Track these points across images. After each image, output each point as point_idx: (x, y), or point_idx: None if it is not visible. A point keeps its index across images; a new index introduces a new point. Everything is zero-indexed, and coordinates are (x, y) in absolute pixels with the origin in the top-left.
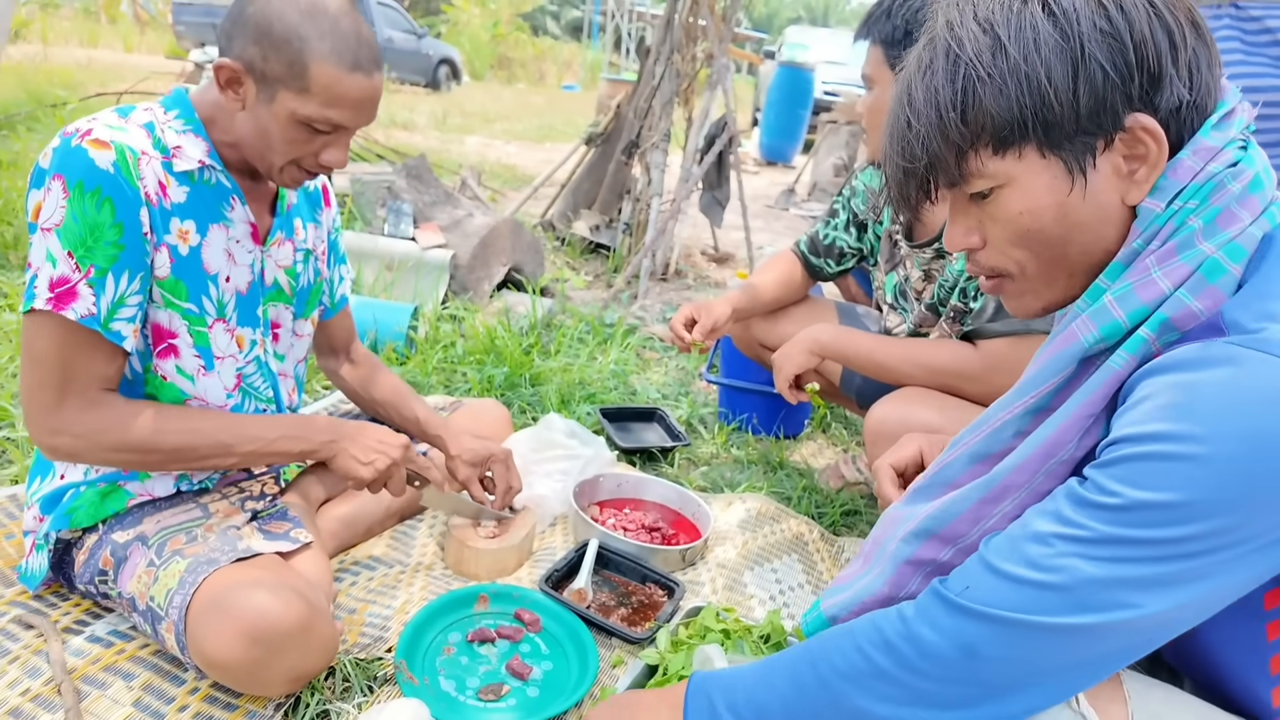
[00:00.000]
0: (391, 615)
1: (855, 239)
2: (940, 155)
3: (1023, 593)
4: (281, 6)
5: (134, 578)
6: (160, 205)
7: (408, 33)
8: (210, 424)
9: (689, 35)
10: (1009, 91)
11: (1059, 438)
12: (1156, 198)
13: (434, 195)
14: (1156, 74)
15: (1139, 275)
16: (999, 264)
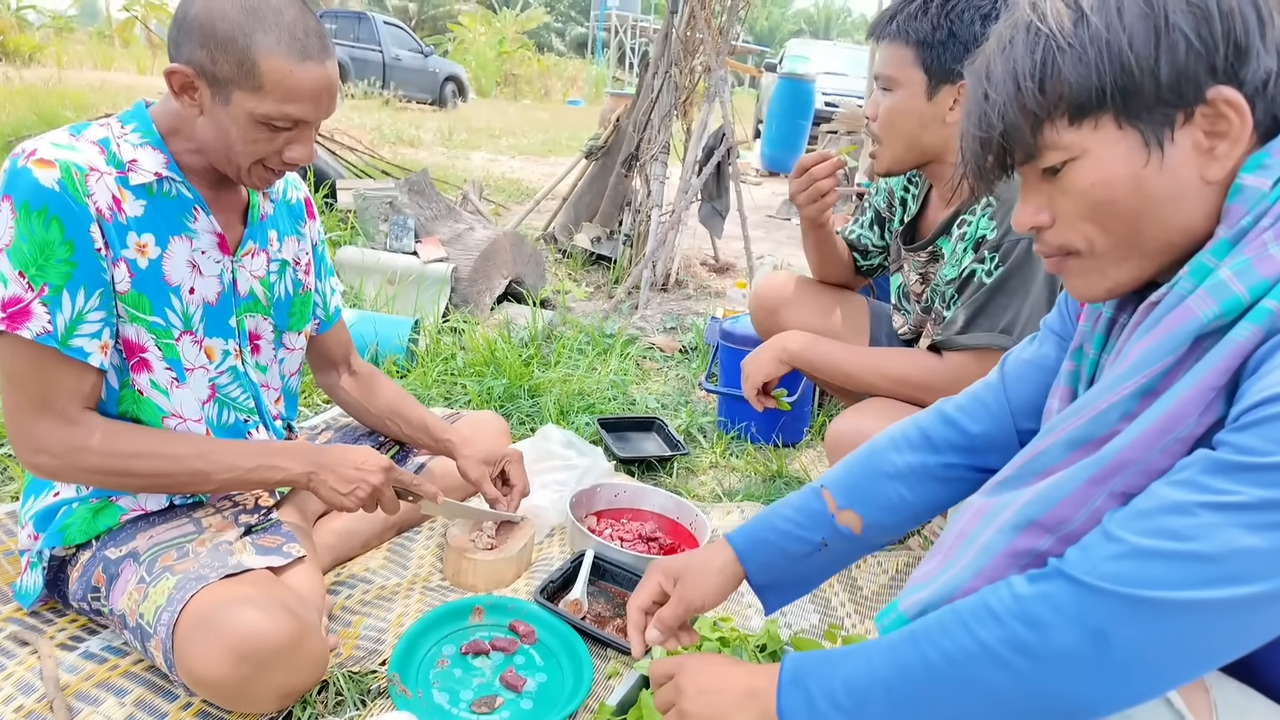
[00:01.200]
0: (386, 628)
1: (879, 236)
2: (1016, 125)
3: (1165, 566)
4: (223, 5)
5: (125, 594)
6: (115, 220)
7: (414, 51)
8: (188, 450)
9: (687, 49)
10: (1089, 59)
11: (1179, 411)
12: (1260, 175)
13: (436, 209)
14: (1243, 46)
15: (1256, 251)
16: (1068, 240)
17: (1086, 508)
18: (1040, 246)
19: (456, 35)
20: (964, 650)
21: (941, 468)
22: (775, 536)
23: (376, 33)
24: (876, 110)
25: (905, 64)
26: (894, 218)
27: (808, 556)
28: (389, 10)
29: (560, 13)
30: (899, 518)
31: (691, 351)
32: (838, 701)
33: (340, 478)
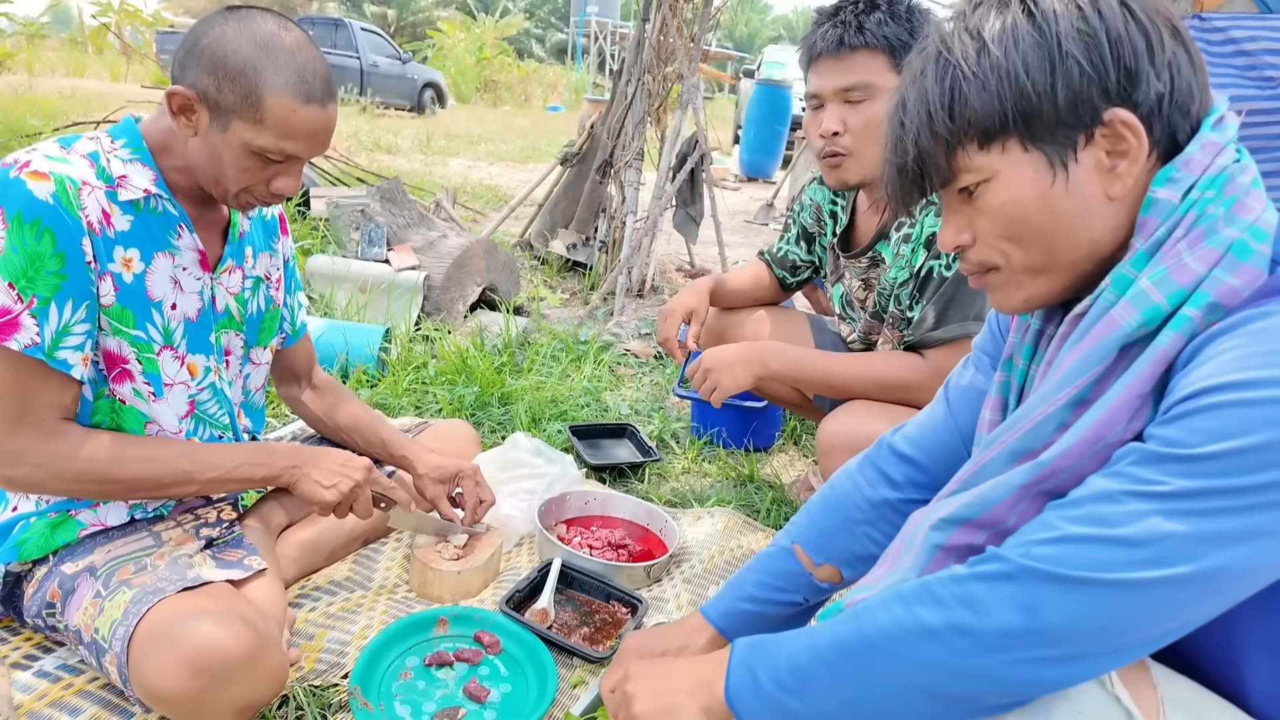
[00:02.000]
0: (350, 640)
1: (806, 252)
2: (930, 151)
3: (1094, 550)
4: (237, 39)
5: (80, 609)
6: (104, 234)
7: (392, 58)
8: (170, 452)
9: (659, 56)
10: (990, 87)
11: (1109, 419)
12: (1170, 188)
13: (408, 217)
14: (1133, 70)
15: (1172, 260)
16: (987, 257)
17: (1017, 510)
18: (964, 265)
19: (436, 42)
20: (902, 627)
21: (904, 503)
22: (754, 606)
23: (354, 39)
24: (842, 125)
25: (881, 70)
26: (825, 232)
27: (792, 618)
28: (367, 17)
29: (540, 19)
30: (875, 561)
31: (666, 357)
32: (782, 681)
33: (324, 471)
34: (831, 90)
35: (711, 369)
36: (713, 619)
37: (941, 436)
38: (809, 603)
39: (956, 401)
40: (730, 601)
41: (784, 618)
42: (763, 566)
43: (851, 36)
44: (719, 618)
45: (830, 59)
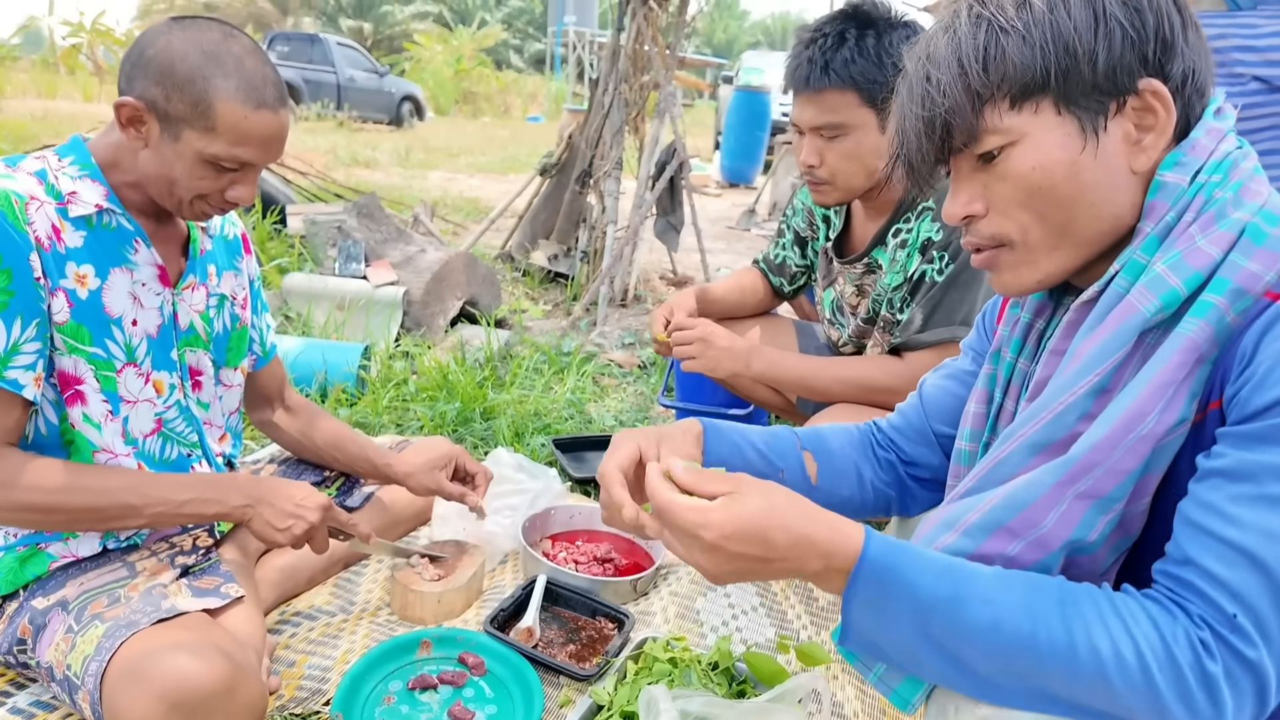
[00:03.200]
0: (331, 666)
1: (800, 256)
2: (959, 106)
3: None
4: (184, 47)
5: (52, 645)
6: (54, 249)
7: (369, 72)
8: (117, 482)
9: (635, 65)
10: (1033, 40)
11: (1139, 408)
12: (1178, 172)
13: (385, 232)
14: (1170, 42)
15: (1185, 244)
16: (1002, 229)
17: (1055, 510)
18: (971, 238)
19: (413, 54)
20: (1110, 664)
21: (884, 461)
22: (743, 443)
23: (330, 54)
24: (819, 157)
25: (853, 106)
26: (817, 236)
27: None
28: (343, 31)
29: (518, 29)
30: (845, 482)
31: (650, 366)
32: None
33: (277, 512)
34: (806, 125)
35: (704, 341)
36: (704, 423)
37: (913, 419)
38: (784, 476)
39: (928, 387)
40: (728, 428)
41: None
42: (764, 428)
43: (817, 77)
44: (710, 428)
45: (803, 94)
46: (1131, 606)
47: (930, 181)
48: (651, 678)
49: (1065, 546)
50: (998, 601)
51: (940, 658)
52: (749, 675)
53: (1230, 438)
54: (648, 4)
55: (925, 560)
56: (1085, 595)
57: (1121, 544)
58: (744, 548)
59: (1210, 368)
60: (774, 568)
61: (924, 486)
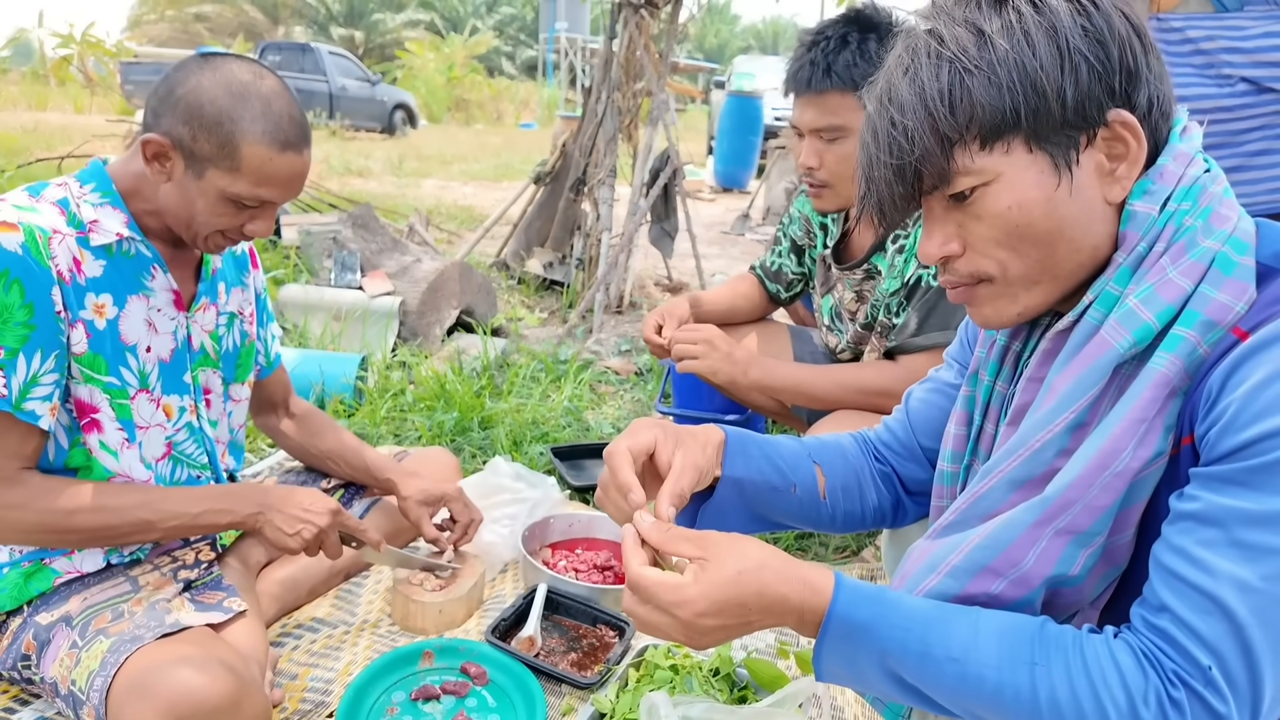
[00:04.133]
0: (334, 678)
1: (797, 264)
2: (929, 150)
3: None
4: (214, 89)
5: (56, 661)
6: (74, 282)
7: (361, 80)
8: (130, 500)
9: (628, 73)
10: (999, 80)
11: (1112, 447)
12: (1147, 201)
13: (381, 243)
14: (1134, 70)
15: (1157, 276)
16: (980, 267)
17: (1035, 548)
18: (948, 276)
19: (405, 62)
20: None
21: (881, 474)
22: (760, 457)
23: (321, 63)
24: (819, 159)
25: (853, 109)
26: (815, 244)
27: (773, 492)
28: (334, 40)
29: (509, 36)
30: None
31: (647, 373)
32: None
33: (287, 517)
34: (807, 127)
35: (709, 343)
36: (727, 433)
37: (899, 433)
38: (796, 491)
39: (914, 400)
40: (746, 438)
41: (769, 488)
42: (777, 439)
43: (819, 80)
44: (732, 435)
45: (804, 96)
46: (1104, 662)
47: (902, 221)
48: (653, 685)
49: (1047, 582)
50: (965, 659)
51: (912, 698)
52: (750, 681)
53: (1201, 479)
54: (640, 12)
55: (895, 613)
56: (1058, 649)
57: (1109, 575)
58: (719, 619)
59: (1183, 400)
60: (752, 627)
61: (914, 500)
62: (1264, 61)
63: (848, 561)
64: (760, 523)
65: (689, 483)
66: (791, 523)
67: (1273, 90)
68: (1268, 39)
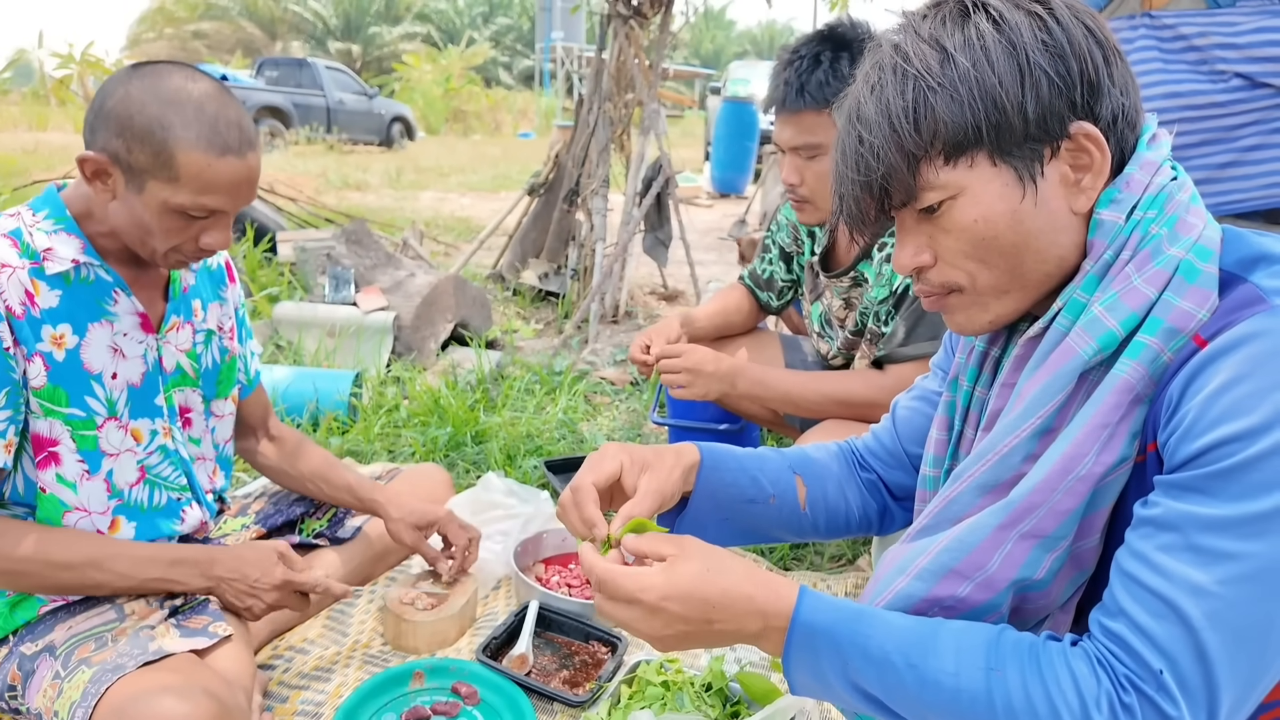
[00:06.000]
0: (325, 700)
1: (786, 270)
2: (895, 166)
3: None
4: (142, 97)
5: (40, 692)
6: (27, 316)
7: (359, 94)
8: (80, 556)
9: (618, 83)
10: (960, 97)
11: (1075, 452)
12: (1113, 210)
13: (375, 258)
14: (1095, 84)
15: (1122, 284)
16: (950, 278)
17: (1000, 551)
18: (921, 286)
19: (402, 75)
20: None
21: (866, 482)
22: (737, 469)
23: (318, 78)
24: (799, 175)
25: (827, 127)
26: (803, 250)
27: (750, 504)
28: (331, 54)
29: (506, 46)
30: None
31: (642, 383)
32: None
33: (235, 592)
34: (786, 145)
35: (692, 371)
36: (701, 450)
37: (885, 441)
38: (775, 502)
39: (900, 408)
40: (722, 452)
41: (746, 500)
42: (753, 451)
43: (794, 99)
44: (706, 454)
45: (782, 115)
46: (1058, 667)
47: (878, 234)
48: (644, 702)
49: (1013, 585)
50: (923, 665)
51: (876, 709)
52: (742, 695)
53: (1162, 485)
54: (629, 23)
55: (857, 620)
56: (1014, 655)
57: (1076, 579)
58: (684, 609)
59: (1148, 407)
60: (715, 629)
61: (901, 505)
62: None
63: (843, 570)
64: (744, 535)
65: (648, 508)
66: (776, 533)
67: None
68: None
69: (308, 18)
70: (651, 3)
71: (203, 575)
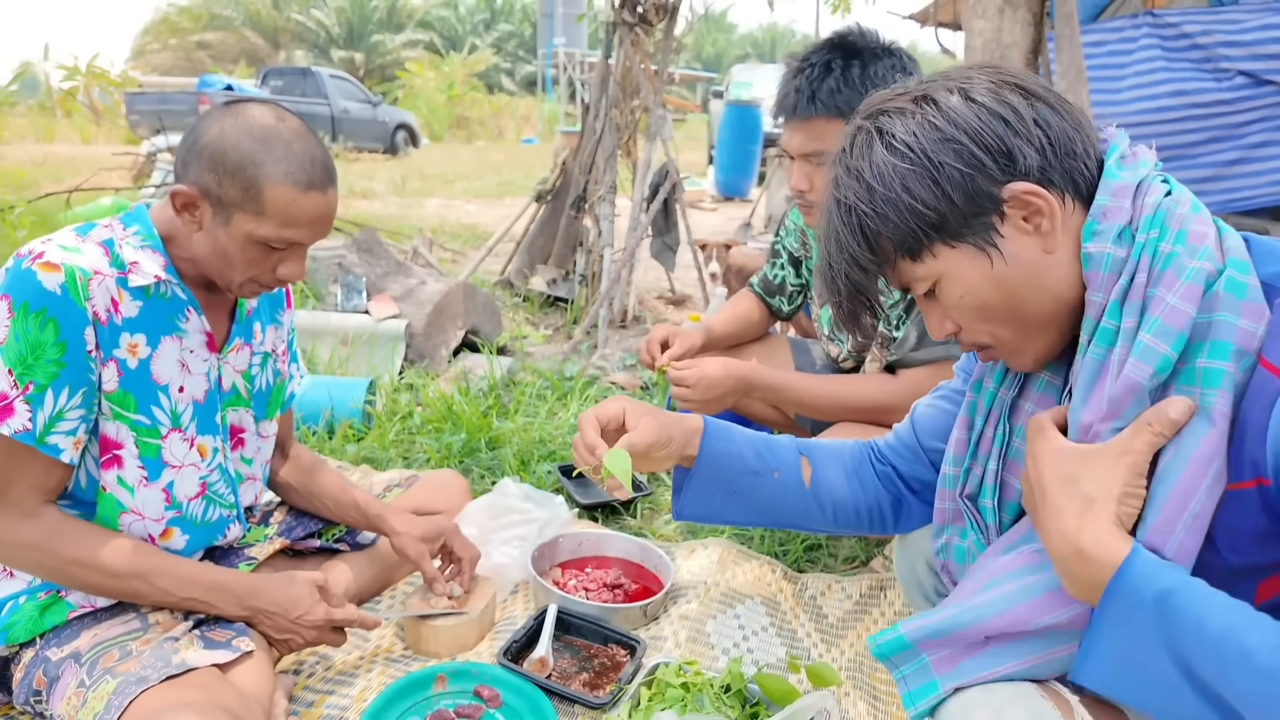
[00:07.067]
0: (349, 705)
1: (796, 275)
2: (862, 283)
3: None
4: (236, 135)
5: (64, 700)
6: (110, 322)
7: (363, 102)
8: (126, 567)
9: (624, 90)
10: (891, 218)
11: (1186, 489)
12: (1099, 241)
13: (385, 266)
14: (1005, 149)
15: (1160, 308)
16: (977, 339)
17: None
18: (963, 346)
19: (405, 82)
20: None
21: (881, 473)
22: (741, 440)
23: (323, 86)
24: (809, 181)
25: (838, 134)
26: (811, 254)
27: (754, 476)
28: (334, 62)
29: (508, 53)
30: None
31: (652, 387)
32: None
33: (274, 626)
34: (795, 151)
35: (705, 403)
36: (706, 421)
37: (905, 439)
38: (779, 477)
39: (919, 408)
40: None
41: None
42: (761, 433)
43: (804, 107)
44: (711, 424)
45: (792, 122)
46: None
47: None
48: (664, 704)
49: None
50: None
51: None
52: (761, 697)
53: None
54: (635, 30)
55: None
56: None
57: None
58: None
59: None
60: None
61: (919, 498)
62: (1261, 54)
63: (856, 572)
64: (752, 511)
65: (644, 440)
66: (784, 513)
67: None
68: (1265, 31)
69: (311, 27)
70: (657, 10)
71: (240, 605)
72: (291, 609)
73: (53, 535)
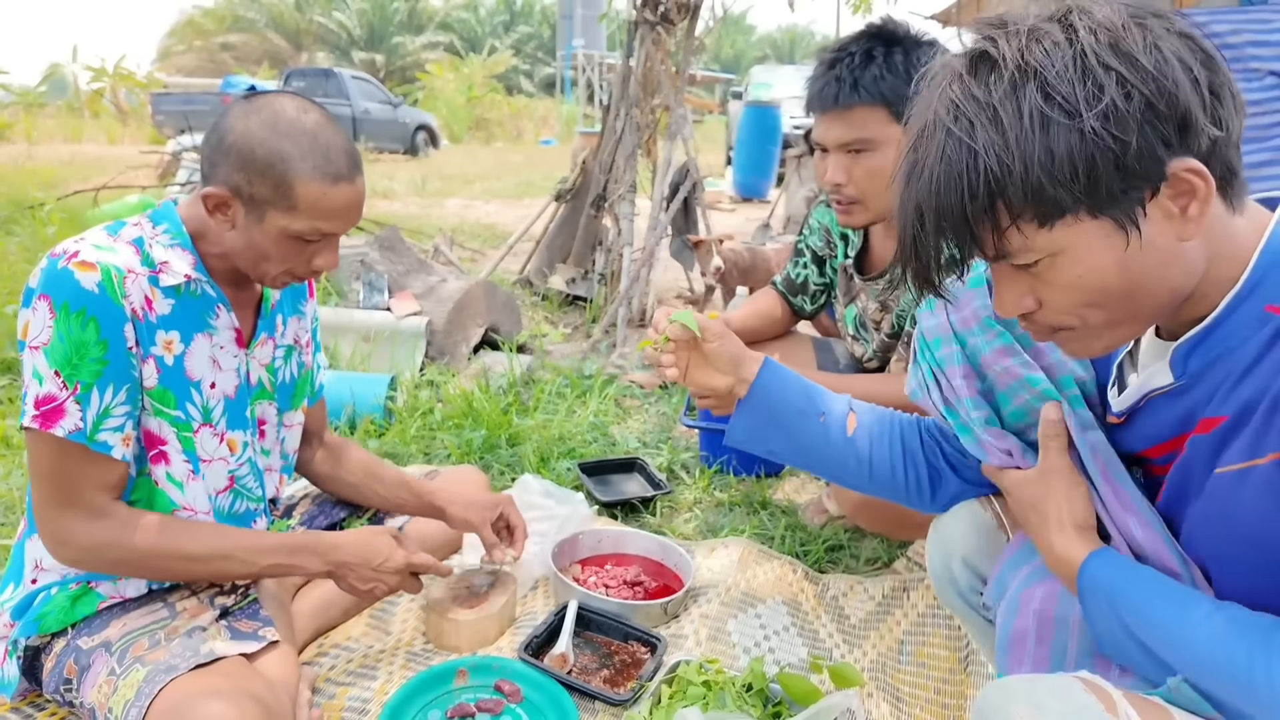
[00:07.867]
0: (371, 697)
1: (819, 274)
2: (978, 236)
3: None
4: (261, 132)
5: (95, 687)
6: (146, 319)
7: (383, 103)
8: (207, 549)
9: (645, 89)
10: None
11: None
12: None
13: (407, 264)
14: (1185, 120)
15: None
16: (1060, 321)
17: None
18: (1029, 326)
19: (425, 84)
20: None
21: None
22: (793, 379)
23: (345, 88)
24: (846, 174)
25: (882, 122)
26: (835, 254)
27: (801, 416)
28: (355, 64)
29: (527, 54)
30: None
31: (671, 387)
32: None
33: (359, 578)
34: (834, 143)
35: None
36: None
37: None
38: (824, 419)
39: None
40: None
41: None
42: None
43: (846, 95)
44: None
45: (830, 113)
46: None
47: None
48: (685, 701)
49: None
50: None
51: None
52: (783, 696)
53: None
54: (656, 29)
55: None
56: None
57: None
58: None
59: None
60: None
61: (958, 475)
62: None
63: (879, 574)
64: (797, 452)
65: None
66: (826, 460)
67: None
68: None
69: (332, 28)
70: (679, 8)
71: (324, 561)
72: (373, 558)
73: (127, 530)
